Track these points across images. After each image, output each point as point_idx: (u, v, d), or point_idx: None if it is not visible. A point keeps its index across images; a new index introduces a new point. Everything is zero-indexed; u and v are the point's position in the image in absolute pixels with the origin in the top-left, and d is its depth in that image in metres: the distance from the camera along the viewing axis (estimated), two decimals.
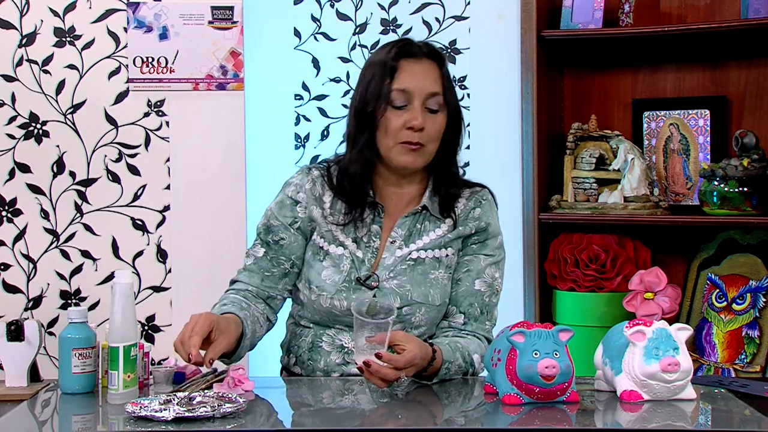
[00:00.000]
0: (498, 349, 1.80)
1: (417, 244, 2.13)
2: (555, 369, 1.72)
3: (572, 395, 1.76)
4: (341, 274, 2.10)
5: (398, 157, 2.11)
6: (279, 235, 2.15)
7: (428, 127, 2.09)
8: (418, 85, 2.09)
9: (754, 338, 2.78)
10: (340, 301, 2.08)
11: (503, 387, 1.76)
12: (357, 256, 2.11)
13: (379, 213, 2.15)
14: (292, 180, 2.20)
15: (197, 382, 1.91)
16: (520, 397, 1.75)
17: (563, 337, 1.75)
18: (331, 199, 2.16)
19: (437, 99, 2.11)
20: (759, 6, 2.78)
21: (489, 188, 2.25)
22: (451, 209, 2.16)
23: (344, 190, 2.14)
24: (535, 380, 1.73)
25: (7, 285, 2.96)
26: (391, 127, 2.09)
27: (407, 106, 2.09)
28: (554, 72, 3.14)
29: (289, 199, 2.17)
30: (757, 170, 2.77)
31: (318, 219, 2.15)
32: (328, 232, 2.14)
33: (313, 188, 2.16)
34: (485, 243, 2.17)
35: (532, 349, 1.73)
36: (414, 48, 2.14)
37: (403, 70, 2.10)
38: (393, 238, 2.13)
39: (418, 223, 2.15)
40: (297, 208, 2.16)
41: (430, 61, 2.14)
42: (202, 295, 2.97)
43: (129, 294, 1.84)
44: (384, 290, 2.08)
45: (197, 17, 2.97)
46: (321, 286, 2.10)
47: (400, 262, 2.11)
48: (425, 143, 2.10)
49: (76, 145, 2.96)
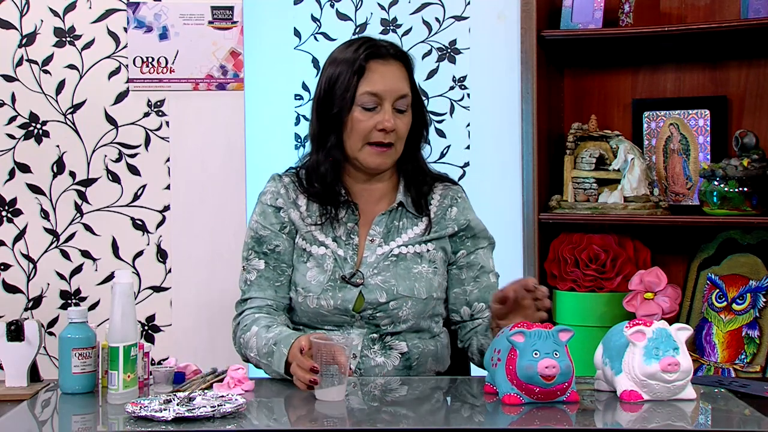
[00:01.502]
0: (498, 349, 1.80)
1: (396, 242, 2.15)
2: (555, 369, 1.72)
3: (572, 395, 1.76)
4: (326, 273, 2.11)
5: (367, 159, 2.13)
6: (273, 243, 2.16)
7: (398, 127, 2.12)
8: (389, 87, 2.11)
9: (754, 338, 2.78)
10: (326, 301, 2.09)
11: (503, 387, 1.76)
12: (339, 255, 2.12)
13: (353, 211, 2.16)
14: (267, 189, 2.21)
15: (197, 382, 1.91)
16: (520, 397, 1.75)
17: (563, 337, 1.75)
18: (305, 201, 2.17)
19: (406, 100, 2.14)
20: (759, 6, 2.78)
21: (459, 183, 2.30)
22: (425, 204, 2.19)
23: (316, 190, 2.15)
24: (535, 380, 1.73)
25: (7, 285, 2.96)
26: (360, 129, 2.11)
27: (377, 107, 2.11)
28: (554, 72, 3.14)
29: (270, 207, 2.18)
30: (757, 170, 2.77)
31: (297, 222, 2.16)
32: (307, 233, 2.15)
33: (287, 193, 2.18)
34: (476, 237, 2.22)
35: (532, 349, 1.73)
36: (381, 49, 2.14)
37: (372, 71, 2.12)
38: (372, 237, 2.15)
39: (395, 220, 2.17)
40: (281, 214, 2.17)
41: (397, 62, 2.15)
42: (202, 295, 2.98)
43: (129, 294, 1.84)
44: (369, 287, 2.10)
45: (197, 17, 2.97)
46: (306, 287, 2.11)
47: (382, 259, 2.12)
48: (394, 143, 2.13)
49: (76, 145, 2.97)
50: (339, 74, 2.12)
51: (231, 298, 2.98)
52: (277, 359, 1.96)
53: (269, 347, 1.99)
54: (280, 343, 1.97)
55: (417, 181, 2.20)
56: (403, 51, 2.19)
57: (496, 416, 1.74)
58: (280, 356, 1.96)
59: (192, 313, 2.98)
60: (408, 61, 2.17)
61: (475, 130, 3.19)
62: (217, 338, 2.95)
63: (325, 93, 2.14)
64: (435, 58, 3.19)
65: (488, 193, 3.05)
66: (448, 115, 3.20)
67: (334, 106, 2.11)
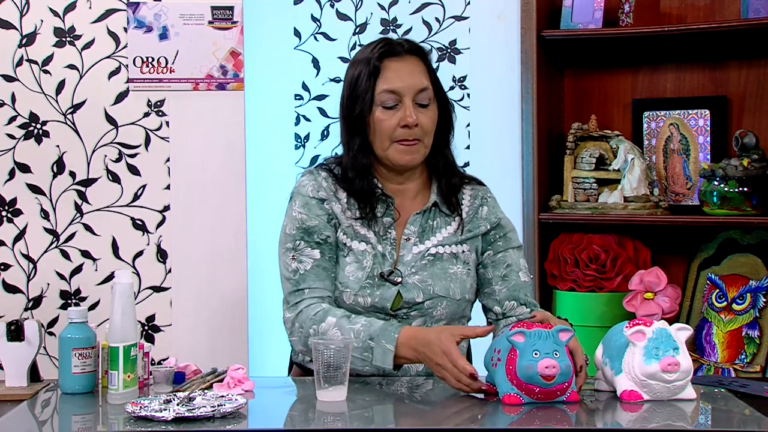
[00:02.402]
0: (498, 349, 1.80)
1: (432, 241, 2.15)
2: (555, 369, 1.72)
3: (572, 395, 1.77)
4: (364, 270, 2.10)
5: (396, 156, 2.12)
6: (324, 234, 2.11)
7: (422, 121, 2.11)
8: (407, 83, 2.11)
9: (754, 338, 2.78)
10: (363, 298, 2.08)
11: (503, 387, 1.76)
12: (379, 251, 2.11)
13: (390, 206, 2.15)
14: (305, 182, 2.16)
15: (197, 382, 1.91)
16: (520, 397, 1.75)
17: (563, 337, 1.75)
18: (345, 195, 2.15)
19: (427, 93, 2.13)
20: (759, 6, 2.78)
21: (486, 185, 2.29)
22: (456, 202, 2.19)
23: (354, 186, 2.14)
24: (535, 380, 1.73)
25: (7, 285, 2.96)
26: (384, 128, 2.10)
27: (398, 105, 2.10)
28: (554, 72, 3.14)
29: (314, 199, 2.13)
30: (757, 170, 2.77)
31: (339, 215, 2.13)
32: (348, 227, 2.13)
33: (328, 186, 2.15)
34: (507, 236, 2.21)
35: (532, 349, 1.73)
36: (395, 46, 2.14)
37: (388, 69, 2.12)
38: (407, 236, 2.14)
39: (429, 219, 2.17)
40: (325, 205, 2.13)
41: (413, 57, 2.15)
42: (202, 295, 2.98)
43: (129, 294, 1.84)
44: (407, 286, 2.09)
45: (197, 17, 2.97)
46: (344, 282, 2.10)
47: (419, 258, 2.12)
48: (421, 138, 2.12)
49: (76, 145, 2.96)
50: (358, 76, 2.13)
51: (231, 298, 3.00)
52: (380, 355, 1.93)
53: (365, 344, 1.95)
54: (381, 339, 1.94)
55: (448, 178, 2.20)
56: (419, 45, 2.18)
57: (496, 416, 1.74)
58: (384, 352, 1.93)
59: (192, 313, 2.98)
60: (424, 55, 2.17)
61: (475, 130, 3.19)
62: (217, 338, 2.95)
63: (347, 96, 2.14)
64: (435, 58, 3.18)
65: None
66: None
67: (356, 108, 2.11)
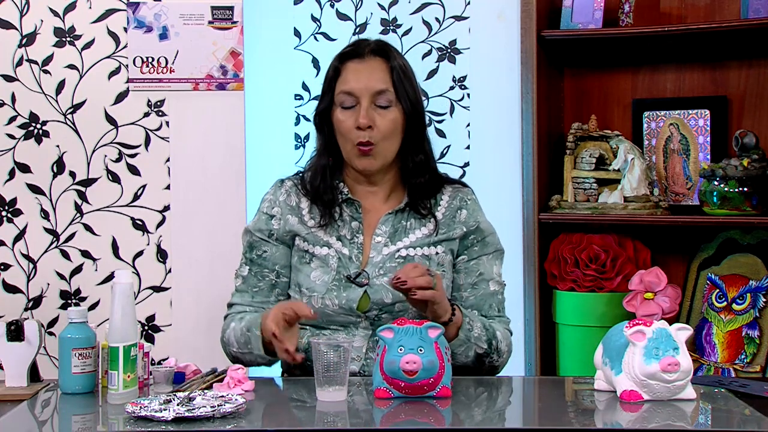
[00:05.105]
0: (380, 344, 1.84)
1: (404, 242, 2.14)
2: (416, 364, 1.76)
3: (443, 391, 1.80)
4: (330, 273, 2.11)
5: (355, 161, 2.14)
6: (261, 249, 2.18)
7: (378, 124, 2.10)
8: (363, 84, 2.11)
9: (754, 338, 2.78)
10: (331, 300, 2.09)
11: (375, 380, 1.82)
12: (344, 254, 2.12)
13: (357, 209, 2.16)
14: (266, 196, 2.23)
15: (197, 382, 1.91)
16: (390, 391, 1.80)
17: (432, 334, 1.79)
18: (308, 204, 2.18)
19: (386, 95, 2.12)
20: (759, 6, 2.78)
21: (470, 187, 2.27)
22: (430, 204, 2.17)
23: (315, 191, 2.16)
24: (398, 375, 1.78)
25: (7, 285, 2.96)
26: (343, 129, 2.12)
27: (356, 106, 2.12)
28: (554, 72, 3.14)
29: (264, 214, 2.20)
30: (757, 170, 2.77)
31: (296, 227, 2.16)
32: (309, 234, 2.15)
33: (287, 199, 2.19)
34: (485, 241, 2.19)
35: (398, 344, 1.78)
36: (360, 48, 2.16)
37: (347, 71, 2.14)
38: (378, 236, 2.14)
39: (403, 220, 2.17)
40: (272, 222, 2.18)
41: (376, 59, 2.15)
42: (202, 295, 2.98)
43: (129, 294, 1.85)
44: (375, 287, 2.10)
45: (197, 17, 2.97)
46: (311, 287, 2.11)
47: (388, 260, 2.12)
48: (376, 142, 2.11)
49: (76, 145, 2.96)
50: (325, 76, 2.18)
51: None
52: (254, 342, 2.03)
53: (245, 336, 2.05)
54: (252, 327, 2.03)
55: (420, 178, 2.17)
56: (384, 47, 2.17)
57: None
58: (255, 339, 2.02)
59: (192, 313, 2.98)
60: (388, 57, 2.15)
61: (475, 130, 3.19)
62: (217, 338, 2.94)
63: (319, 96, 2.20)
64: (435, 58, 3.19)
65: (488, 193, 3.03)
66: (448, 115, 3.20)
67: (319, 107, 2.18)
